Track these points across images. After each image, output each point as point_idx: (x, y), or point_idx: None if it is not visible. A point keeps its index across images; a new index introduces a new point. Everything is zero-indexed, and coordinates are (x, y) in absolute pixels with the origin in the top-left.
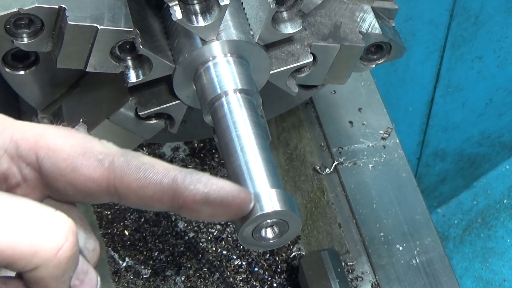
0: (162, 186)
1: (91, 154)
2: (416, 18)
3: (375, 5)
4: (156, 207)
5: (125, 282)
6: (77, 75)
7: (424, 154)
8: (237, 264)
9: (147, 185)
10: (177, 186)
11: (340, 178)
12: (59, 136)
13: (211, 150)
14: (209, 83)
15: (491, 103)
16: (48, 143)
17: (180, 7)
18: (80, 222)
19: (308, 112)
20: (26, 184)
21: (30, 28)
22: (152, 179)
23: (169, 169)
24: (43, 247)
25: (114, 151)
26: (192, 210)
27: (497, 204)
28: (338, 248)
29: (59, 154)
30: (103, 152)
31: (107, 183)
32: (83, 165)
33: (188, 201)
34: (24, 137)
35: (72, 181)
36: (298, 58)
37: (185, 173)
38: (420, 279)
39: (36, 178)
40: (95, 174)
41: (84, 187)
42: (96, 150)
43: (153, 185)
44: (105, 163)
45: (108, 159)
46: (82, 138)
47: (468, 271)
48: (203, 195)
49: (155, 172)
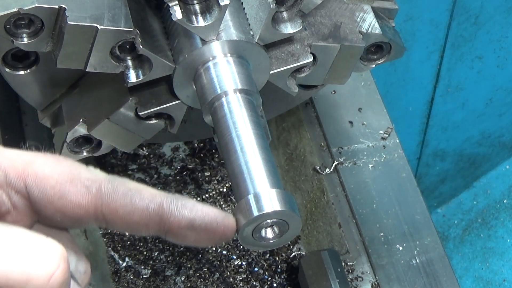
0: (148, 212)
1: (78, 181)
2: (416, 18)
3: (375, 5)
4: (143, 231)
5: (125, 282)
6: (77, 75)
7: (424, 154)
8: (237, 264)
9: (134, 211)
10: (163, 212)
11: (340, 178)
12: (47, 164)
13: (211, 150)
14: (209, 83)
15: (491, 103)
16: (36, 171)
17: (180, 7)
18: (70, 245)
19: (308, 112)
20: (16, 211)
21: (30, 28)
22: (138, 205)
23: (155, 195)
24: (36, 275)
25: (101, 177)
26: (177, 235)
27: (497, 204)
28: (338, 248)
29: (47, 181)
30: (90, 178)
31: (95, 209)
32: (71, 192)
33: (173, 226)
34: (13, 166)
35: (60, 208)
36: (298, 58)
37: (171, 199)
38: (420, 279)
39: (25, 205)
40: (82, 200)
41: (72, 213)
42: (83, 177)
43: (139, 211)
44: (93, 190)
45: (95, 185)
46: (70, 166)
47: (468, 271)
48: (188, 221)
49: (142, 198)
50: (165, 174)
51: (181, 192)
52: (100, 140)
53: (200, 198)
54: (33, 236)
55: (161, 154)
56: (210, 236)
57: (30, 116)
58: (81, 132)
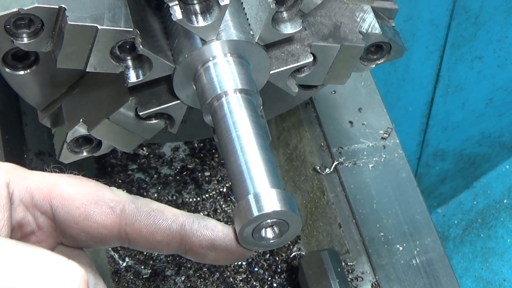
0: (171, 232)
1: (103, 202)
2: (416, 18)
3: (375, 5)
4: (164, 250)
5: (125, 282)
6: (77, 75)
7: (424, 154)
8: (237, 264)
9: (156, 231)
10: (185, 232)
11: (340, 178)
12: (71, 185)
13: (211, 150)
14: (209, 83)
15: (491, 103)
16: (62, 193)
17: (180, 7)
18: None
19: (308, 112)
20: (41, 232)
21: (30, 28)
22: (161, 225)
23: (177, 215)
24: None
25: (124, 198)
26: (198, 254)
27: (497, 204)
28: (338, 248)
29: (72, 203)
30: (114, 199)
31: (119, 229)
32: (96, 213)
33: (195, 246)
34: (39, 188)
35: (85, 228)
36: (298, 58)
37: (192, 219)
38: (420, 279)
39: (50, 226)
40: (107, 221)
41: (96, 233)
42: (107, 198)
43: (162, 231)
44: (117, 210)
45: (119, 206)
46: (94, 186)
47: (468, 271)
48: (209, 241)
49: (165, 219)
50: (165, 174)
51: (181, 192)
52: (100, 140)
53: (200, 198)
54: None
55: (161, 154)
56: (228, 256)
57: (30, 116)
58: (81, 132)
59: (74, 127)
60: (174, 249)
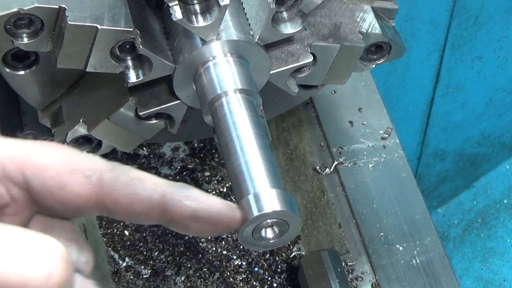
0: (151, 202)
1: (78, 171)
2: (416, 18)
3: (375, 5)
4: (145, 221)
5: (125, 282)
6: (77, 75)
7: (424, 154)
8: (237, 264)
9: (135, 201)
10: (165, 203)
11: (340, 178)
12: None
13: (211, 150)
14: (209, 83)
15: (491, 103)
16: (35, 162)
17: (180, 7)
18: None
19: (308, 112)
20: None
21: (30, 28)
22: (140, 195)
23: (158, 184)
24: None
25: (102, 166)
26: (180, 225)
27: (497, 204)
28: (338, 248)
29: (46, 172)
30: (91, 168)
31: (96, 199)
32: (71, 182)
33: (176, 217)
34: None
35: (61, 198)
36: (298, 58)
37: (174, 188)
38: (420, 279)
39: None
40: (83, 191)
41: (73, 204)
42: (83, 167)
43: (141, 201)
44: (93, 179)
45: (96, 175)
46: (69, 154)
47: (468, 271)
48: (191, 212)
49: (144, 188)
50: (165, 174)
51: None
52: (100, 140)
53: None
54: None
55: (161, 154)
56: (213, 228)
57: (30, 116)
58: (81, 132)
59: (74, 127)
60: (155, 219)
